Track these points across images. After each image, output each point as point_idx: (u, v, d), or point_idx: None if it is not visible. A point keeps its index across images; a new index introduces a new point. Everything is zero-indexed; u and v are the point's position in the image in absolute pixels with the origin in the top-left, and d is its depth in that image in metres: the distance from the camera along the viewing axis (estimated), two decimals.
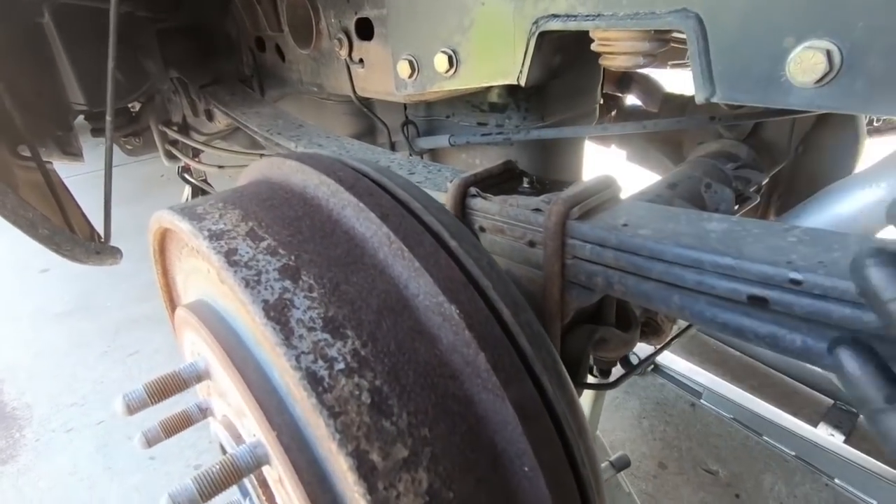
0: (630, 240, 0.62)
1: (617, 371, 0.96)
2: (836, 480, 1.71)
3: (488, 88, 1.25)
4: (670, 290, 0.61)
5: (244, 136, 1.96)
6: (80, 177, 2.62)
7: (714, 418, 1.95)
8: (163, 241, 0.60)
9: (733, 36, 0.63)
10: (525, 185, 0.82)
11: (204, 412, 0.65)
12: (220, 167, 2.16)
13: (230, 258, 0.39)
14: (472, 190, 0.80)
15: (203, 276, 0.54)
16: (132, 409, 0.51)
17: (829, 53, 0.55)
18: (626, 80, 1.91)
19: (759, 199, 1.16)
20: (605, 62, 0.83)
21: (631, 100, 1.88)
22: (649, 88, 1.85)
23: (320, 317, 0.37)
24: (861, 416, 1.88)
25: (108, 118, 1.15)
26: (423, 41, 1.02)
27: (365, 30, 1.23)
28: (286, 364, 0.34)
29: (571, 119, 1.34)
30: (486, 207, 0.78)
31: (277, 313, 0.36)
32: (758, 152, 1.26)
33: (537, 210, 0.71)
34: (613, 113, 1.92)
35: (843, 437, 1.82)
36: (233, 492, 0.62)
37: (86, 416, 1.96)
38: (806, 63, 0.57)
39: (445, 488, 0.35)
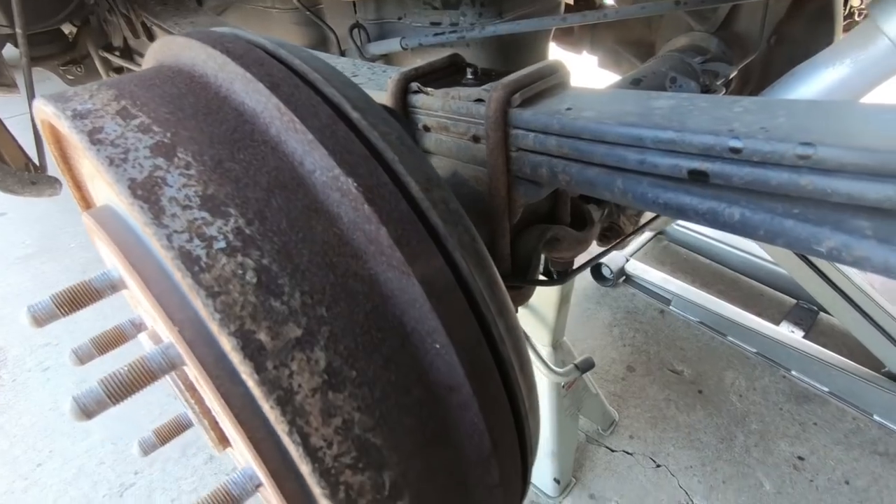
0: (572, 123, 0.58)
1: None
2: (793, 372, 1.80)
3: None
4: (613, 175, 0.58)
5: None
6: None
7: (682, 323, 2.02)
8: (58, 143, 0.54)
9: None
10: (469, 76, 0.76)
11: (138, 326, 0.62)
12: None
13: (93, 136, 0.34)
14: (413, 85, 0.74)
15: (100, 177, 0.49)
16: (39, 320, 0.48)
17: None
18: None
19: (724, 92, 1.12)
20: None
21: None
22: None
23: (197, 195, 0.33)
24: (821, 313, 1.95)
25: (18, 31, 1.03)
26: None
27: None
28: (157, 244, 0.31)
29: (532, 15, 1.25)
30: (429, 103, 0.72)
31: (146, 191, 0.32)
32: (729, 44, 1.20)
33: (479, 101, 0.66)
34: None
35: (802, 333, 1.90)
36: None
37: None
38: None
39: (347, 367, 0.33)
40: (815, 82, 0.83)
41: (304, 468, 0.32)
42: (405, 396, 0.36)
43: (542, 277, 0.81)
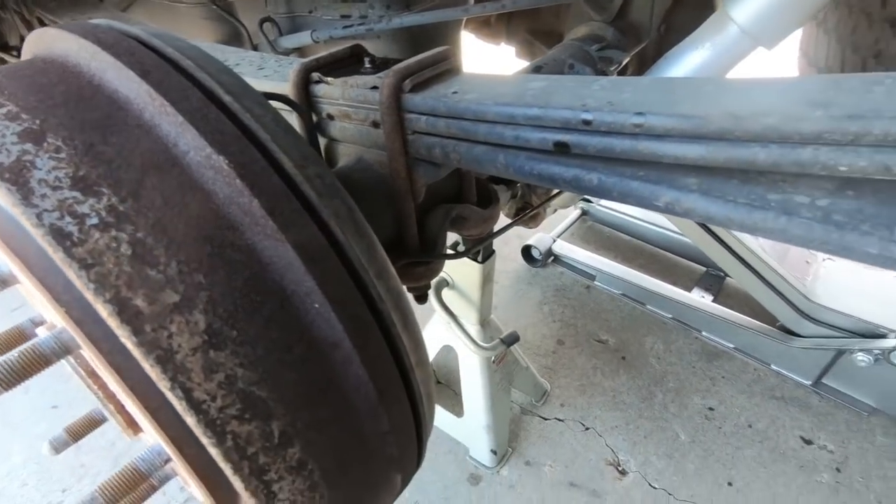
0: (456, 105, 0.63)
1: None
2: (704, 333, 1.97)
3: None
4: (496, 151, 0.63)
5: None
6: None
7: (606, 296, 2.16)
8: None
9: None
10: (367, 65, 0.80)
11: (38, 324, 0.62)
12: None
13: None
14: (314, 76, 0.77)
15: None
16: None
17: None
18: None
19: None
20: None
21: None
22: None
23: (68, 176, 0.35)
24: (727, 278, 2.13)
25: None
26: None
27: None
28: (27, 223, 0.33)
29: (440, 7, 1.30)
30: (330, 92, 0.75)
31: (14, 174, 0.33)
32: (623, 33, 1.29)
33: (374, 88, 0.70)
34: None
35: (711, 298, 2.08)
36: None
37: None
38: None
39: (228, 327, 0.36)
40: (683, 64, 0.92)
41: (190, 420, 0.35)
42: (288, 353, 0.39)
43: (450, 252, 0.86)
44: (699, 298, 2.04)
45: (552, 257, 2.33)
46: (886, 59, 1.03)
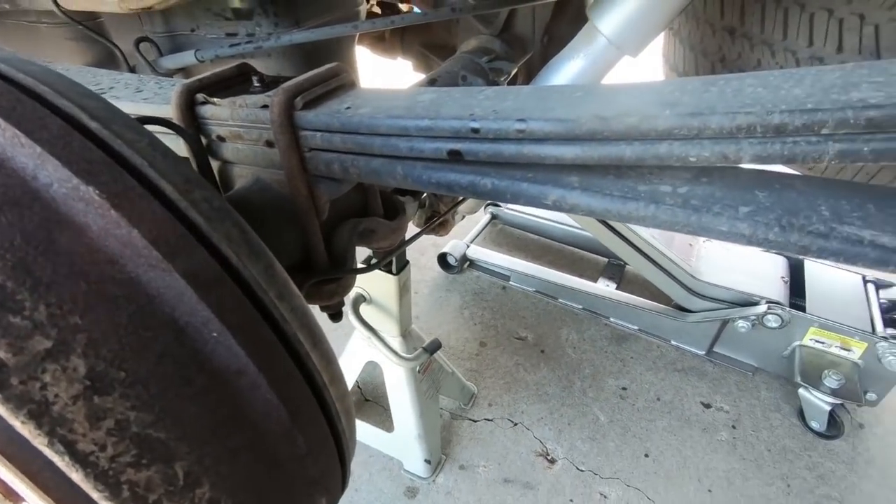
0: (350, 120, 0.63)
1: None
2: (612, 319, 2.12)
3: None
4: (393, 163, 0.64)
5: None
6: None
7: (521, 294, 2.25)
8: None
9: None
10: (256, 84, 0.78)
11: None
12: None
13: None
14: (200, 97, 0.73)
15: None
16: None
17: None
18: None
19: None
20: None
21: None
22: None
23: None
24: (627, 266, 2.30)
25: None
26: None
27: None
28: None
29: (329, 24, 1.29)
30: (218, 113, 0.72)
31: None
32: (510, 45, 1.36)
33: (265, 107, 0.68)
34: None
35: (615, 286, 2.24)
36: None
37: None
38: None
39: (114, 369, 0.34)
40: (562, 74, 1.00)
41: (76, 476, 0.32)
42: (187, 387, 0.37)
43: (360, 266, 0.85)
44: (604, 287, 2.19)
45: (468, 262, 2.39)
46: (729, 62, 1.18)
